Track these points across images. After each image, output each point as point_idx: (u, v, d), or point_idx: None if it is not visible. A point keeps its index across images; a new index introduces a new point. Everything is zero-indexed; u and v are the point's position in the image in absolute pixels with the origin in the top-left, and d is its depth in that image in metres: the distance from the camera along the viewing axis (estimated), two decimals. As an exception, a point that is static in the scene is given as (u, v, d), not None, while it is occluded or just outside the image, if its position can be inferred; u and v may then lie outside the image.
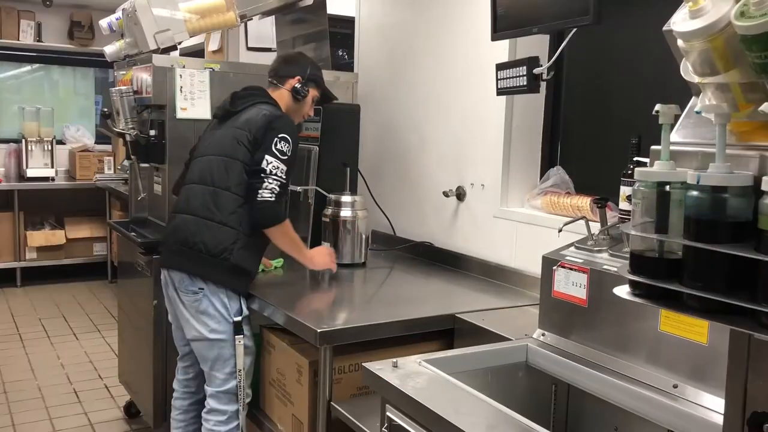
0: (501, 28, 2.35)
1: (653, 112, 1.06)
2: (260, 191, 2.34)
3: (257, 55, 4.66)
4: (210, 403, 2.43)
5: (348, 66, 3.96)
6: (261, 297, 2.40)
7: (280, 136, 2.41)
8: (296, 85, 2.63)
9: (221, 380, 2.41)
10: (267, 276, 2.71)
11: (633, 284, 1.06)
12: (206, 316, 2.38)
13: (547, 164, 2.79)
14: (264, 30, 4.61)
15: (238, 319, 2.38)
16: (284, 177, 2.40)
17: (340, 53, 4.79)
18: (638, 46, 2.46)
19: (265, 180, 2.35)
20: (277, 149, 2.39)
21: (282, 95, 2.63)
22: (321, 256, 2.64)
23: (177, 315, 2.50)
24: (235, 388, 2.40)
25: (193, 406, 2.64)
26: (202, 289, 2.37)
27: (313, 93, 2.71)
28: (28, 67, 7.05)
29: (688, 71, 1.03)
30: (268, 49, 4.55)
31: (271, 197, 2.35)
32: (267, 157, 2.38)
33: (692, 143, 1.09)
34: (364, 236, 2.95)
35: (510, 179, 2.78)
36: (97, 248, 6.51)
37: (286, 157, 2.41)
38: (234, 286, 2.40)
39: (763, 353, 0.98)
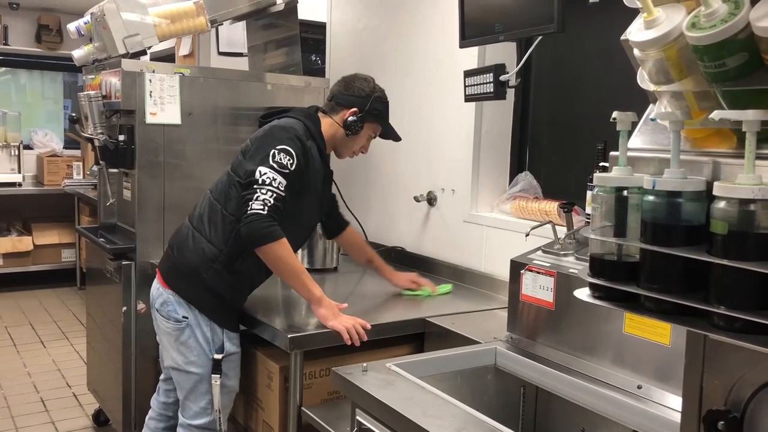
0: (469, 35, 2.39)
1: (611, 119, 1.09)
2: (251, 202, 2.05)
3: (228, 60, 4.65)
4: None
5: (321, 71, 3.97)
6: (231, 303, 2.38)
7: (279, 147, 2.12)
8: (349, 118, 2.31)
9: (194, 413, 2.28)
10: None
11: (593, 287, 1.08)
12: (185, 347, 2.23)
13: (515, 169, 2.83)
14: (235, 35, 4.59)
15: (219, 357, 2.22)
16: (281, 190, 2.08)
17: (314, 58, 4.79)
18: (604, 53, 2.50)
19: (258, 191, 2.06)
20: (275, 161, 2.10)
21: (331, 124, 2.33)
22: (332, 309, 2.13)
23: (158, 337, 2.36)
24: (208, 424, 2.27)
25: None
26: (186, 318, 2.22)
27: (370, 129, 2.38)
28: (-6, 71, 6.95)
29: (644, 79, 1.06)
30: (240, 54, 4.54)
31: (262, 209, 2.04)
32: (261, 167, 2.09)
33: (649, 149, 1.12)
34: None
35: (480, 184, 2.82)
36: (65, 254, 6.41)
37: (287, 171, 2.10)
38: (218, 319, 2.24)
39: (717, 353, 1.01)
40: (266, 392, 2.27)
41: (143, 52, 3.06)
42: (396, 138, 2.47)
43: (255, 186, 2.08)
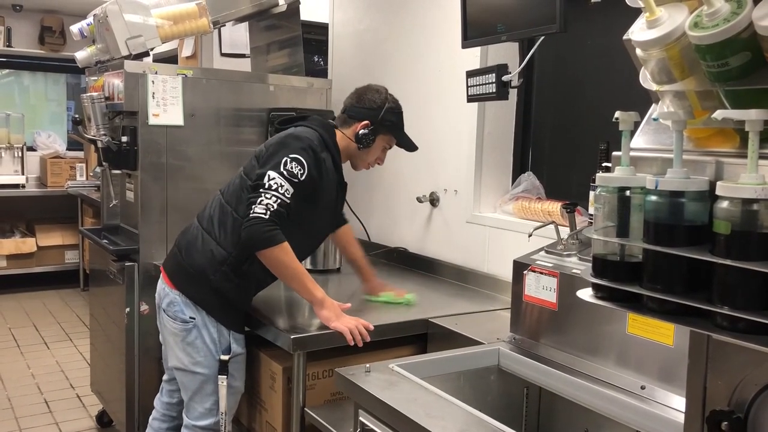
0: (471, 35, 2.39)
1: (613, 119, 1.09)
2: (254, 206, 2.05)
3: (231, 61, 4.65)
4: None
5: (324, 72, 3.97)
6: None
7: (292, 156, 2.11)
8: (360, 131, 2.28)
9: (199, 414, 2.28)
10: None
11: (596, 287, 1.08)
12: (192, 348, 2.23)
13: (518, 170, 2.83)
14: (238, 36, 4.60)
15: (225, 357, 2.22)
16: (287, 197, 2.07)
17: (316, 59, 4.80)
18: (607, 53, 2.50)
19: (263, 194, 2.06)
20: (285, 169, 2.09)
21: (343, 137, 2.31)
22: (335, 310, 2.13)
23: (163, 337, 2.36)
24: (213, 425, 2.27)
25: None
26: (194, 318, 2.22)
27: (383, 141, 2.35)
28: (-3, 73, 6.97)
29: (646, 79, 1.06)
30: (242, 55, 4.54)
31: (264, 213, 2.04)
32: (270, 172, 2.09)
33: (652, 149, 1.12)
34: (338, 242, 2.95)
35: (482, 185, 2.81)
36: (68, 256, 6.42)
37: (296, 180, 2.10)
38: (225, 320, 2.24)
39: (721, 353, 1.01)
40: (269, 393, 2.27)
41: (146, 54, 3.06)
42: (412, 148, 2.42)
43: (261, 190, 2.08)
